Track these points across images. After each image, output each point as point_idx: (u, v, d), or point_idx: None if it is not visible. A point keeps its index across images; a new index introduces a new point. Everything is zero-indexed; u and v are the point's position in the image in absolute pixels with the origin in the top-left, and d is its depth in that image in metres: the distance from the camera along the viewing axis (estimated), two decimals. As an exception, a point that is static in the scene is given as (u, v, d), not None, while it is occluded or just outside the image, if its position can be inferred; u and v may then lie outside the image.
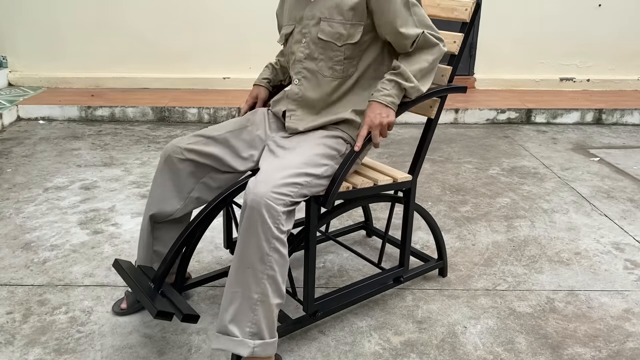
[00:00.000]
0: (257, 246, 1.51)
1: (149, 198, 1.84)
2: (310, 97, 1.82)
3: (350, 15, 1.73)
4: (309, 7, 1.80)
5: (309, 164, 1.64)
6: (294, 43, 1.85)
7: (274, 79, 2.09)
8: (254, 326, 1.54)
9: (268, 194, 1.50)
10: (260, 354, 1.55)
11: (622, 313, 2.05)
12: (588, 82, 5.42)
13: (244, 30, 5.06)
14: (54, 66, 5.11)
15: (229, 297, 1.55)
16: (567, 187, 3.24)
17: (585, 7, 5.23)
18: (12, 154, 3.61)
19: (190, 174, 1.81)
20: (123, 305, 1.95)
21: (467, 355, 1.81)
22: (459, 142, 4.08)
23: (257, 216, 1.50)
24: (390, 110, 1.68)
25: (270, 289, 1.55)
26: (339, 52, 1.77)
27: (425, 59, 1.72)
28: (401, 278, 2.08)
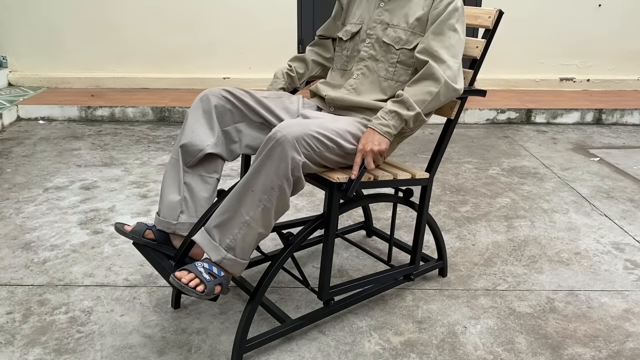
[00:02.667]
0: (267, 176, 1.57)
1: (179, 134, 1.82)
2: (362, 90, 1.94)
3: (414, 25, 1.88)
4: (378, 11, 1.95)
5: (341, 135, 1.71)
6: (360, 41, 1.97)
7: (287, 87, 2.11)
8: (233, 241, 1.62)
9: (299, 137, 1.58)
10: (227, 266, 1.63)
11: (622, 313, 2.05)
12: (588, 82, 5.42)
13: (244, 30, 5.07)
14: (54, 66, 5.11)
15: (225, 206, 1.63)
16: (567, 187, 3.24)
17: (585, 7, 5.23)
18: (12, 154, 3.61)
19: (223, 113, 1.82)
20: (127, 227, 1.85)
21: (467, 355, 1.81)
22: (459, 142, 4.08)
23: (280, 152, 1.56)
24: (384, 139, 1.73)
25: (262, 218, 1.61)
26: (394, 55, 1.90)
27: (429, 91, 1.76)
28: (412, 275, 2.10)
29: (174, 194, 1.80)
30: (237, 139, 1.86)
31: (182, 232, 1.80)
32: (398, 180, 1.90)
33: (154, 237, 1.82)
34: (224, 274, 1.63)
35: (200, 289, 1.55)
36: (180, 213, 1.80)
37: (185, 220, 1.80)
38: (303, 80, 2.16)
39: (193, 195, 1.81)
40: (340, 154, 1.73)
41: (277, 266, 1.71)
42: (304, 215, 2.79)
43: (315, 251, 2.44)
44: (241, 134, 1.86)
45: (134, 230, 1.81)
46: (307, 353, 1.80)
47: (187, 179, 1.81)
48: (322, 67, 2.17)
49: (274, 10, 5.06)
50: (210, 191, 1.84)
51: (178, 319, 1.96)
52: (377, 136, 1.72)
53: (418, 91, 1.76)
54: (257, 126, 1.87)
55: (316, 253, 2.43)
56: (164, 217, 1.81)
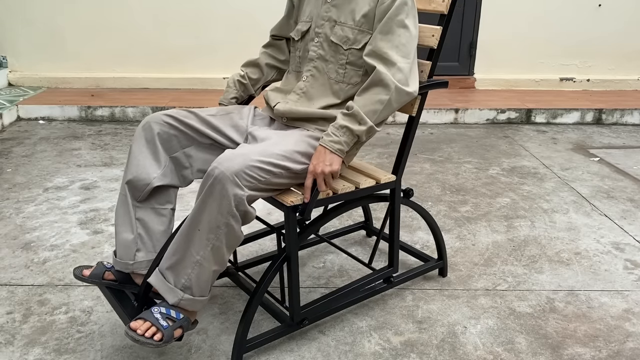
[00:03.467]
0: (210, 215, 1.51)
1: (125, 169, 1.73)
2: (312, 94, 1.84)
3: (361, 22, 1.76)
4: (325, 7, 1.83)
5: (288, 158, 1.63)
6: (309, 40, 1.87)
7: (241, 96, 2.03)
8: (188, 281, 1.57)
9: (238, 171, 1.49)
10: (186, 306, 1.60)
11: (622, 313, 2.05)
12: (588, 82, 5.42)
13: (244, 30, 5.07)
14: (54, 66, 5.11)
15: (174, 246, 1.58)
16: (567, 187, 3.24)
17: (585, 7, 5.23)
18: (12, 154, 3.61)
19: (168, 140, 1.74)
20: (86, 272, 1.79)
21: (467, 355, 1.81)
22: (459, 142, 4.08)
23: (219, 189, 1.48)
24: (336, 157, 1.64)
25: (212, 257, 1.56)
26: (343, 55, 1.80)
27: (380, 99, 1.66)
28: (391, 278, 2.06)
29: (127, 232, 1.73)
30: (188, 164, 1.77)
31: (141, 270, 1.75)
32: (361, 190, 1.81)
33: (114, 277, 1.78)
34: (183, 316, 1.59)
35: (157, 338, 1.50)
36: (136, 251, 1.74)
37: (143, 258, 1.75)
38: (258, 86, 2.06)
39: (148, 230, 1.75)
40: (290, 175, 1.65)
41: (279, 265, 1.71)
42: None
43: (315, 251, 2.44)
44: (191, 158, 1.77)
45: (92, 275, 1.77)
46: (307, 353, 1.80)
47: (139, 215, 1.74)
48: (277, 70, 2.07)
49: (274, 11, 5.04)
50: (165, 223, 1.77)
51: (178, 319, 1.96)
52: (327, 155, 1.63)
53: (368, 101, 1.66)
54: (206, 148, 1.79)
55: (316, 253, 2.43)
56: (121, 257, 1.76)
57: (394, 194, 1.95)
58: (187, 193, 3.00)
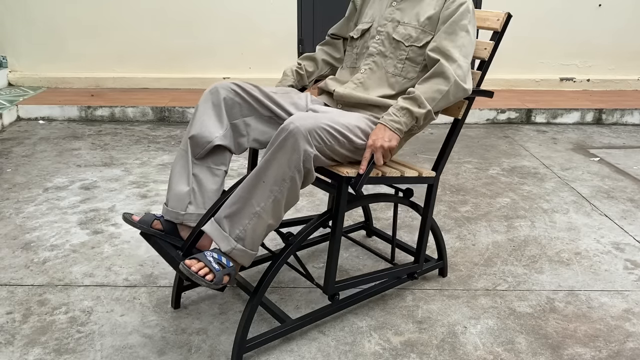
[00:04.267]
0: (279, 168, 1.58)
1: (189, 126, 1.82)
2: (369, 84, 1.95)
3: (425, 24, 1.91)
4: (390, 9, 1.98)
5: (351, 130, 1.73)
6: (370, 38, 2.00)
7: (297, 85, 2.13)
8: (243, 232, 1.63)
9: (311, 129, 1.59)
10: (236, 256, 1.64)
11: (622, 313, 2.05)
12: (588, 82, 5.42)
13: (244, 31, 5.07)
14: (54, 66, 5.11)
15: (236, 196, 1.64)
16: (567, 187, 3.24)
17: (585, 7, 5.23)
18: (12, 154, 3.61)
19: (232, 106, 1.82)
20: (135, 217, 1.83)
21: (467, 355, 1.81)
22: (459, 142, 4.08)
23: (292, 143, 1.57)
24: (395, 135, 1.74)
25: (272, 209, 1.62)
26: (404, 51, 1.93)
27: (439, 89, 1.78)
28: (415, 274, 2.12)
29: (183, 184, 1.80)
30: (245, 132, 1.86)
31: (190, 222, 1.80)
32: (405, 178, 1.90)
33: (161, 227, 1.82)
34: (232, 264, 1.64)
35: (209, 278, 1.56)
36: (188, 204, 1.80)
37: (194, 211, 1.80)
38: (312, 79, 2.18)
39: (201, 187, 1.81)
40: (350, 148, 1.74)
41: (278, 265, 1.71)
42: (303, 215, 2.79)
43: (315, 251, 2.44)
44: (249, 127, 1.86)
45: (142, 220, 1.81)
46: (307, 353, 1.80)
47: (195, 171, 1.81)
48: (331, 67, 2.19)
49: (274, 11, 5.06)
50: (218, 183, 1.84)
51: (178, 319, 1.96)
52: (387, 132, 1.73)
53: (428, 89, 1.78)
54: (265, 120, 1.88)
55: (316, 253, 2.43)
56: (172, 207, 1.81)
57: (431, 190, 2.05)
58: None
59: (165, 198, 1.85)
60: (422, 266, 2.13)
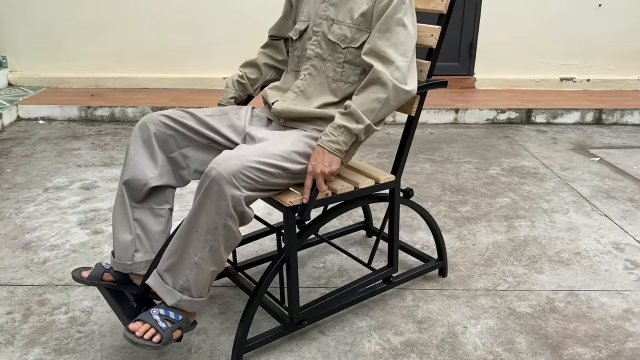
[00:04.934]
0: (208, 216, 1.50)
1: (122, 169, 1.74)
2: (310, 92, 1.84)
3: (359, 21, 1.76)
4: (323, 6, 1.84)
5: (286, 158, 1.62)
6: (307, 39, 1.87)
7: (240, 96, 2.03)
8: (187, 282, 1.57)
9: (236, 172, 1.49)
10: (185, 307, 1.59)
11: (622, 313, 2.05)
12: (588, 82, 5.42)
13: (244, 30, 5.06)
14: (54, 66, 5.11)
15: (172, 248, 1.57)
16: (567, 187, 3.24)
17: (585, 7, 5.23)
18: (12, 154, 3.61)
19: (164, 140, 1.73)
20: (84, 274, 1.77)
21: (467, 355, 1.81)
22: (459, 142, 4.08)
23: (217, 190, 1.48)
24: (335, 157, 1.64)
25: (211, 258, 1.55)
26: (341, 54, 1.80)
27: (377, 98, 1.65)
28: (391, 278, 2.06)
29: (126, 233, 1.73)
30: (185, 164, 1.77)
31: (140, 271, 1.75)
32: (361, 190, 1.81)
33: (112, 278, 1.77)
34: (182, 317, 1.59)
35: (156, 340, 1.50)
36: (134, 252, 1.74)
37: (142, 259, 1.74)
38: (257, 86, 2.06)
39: (146, 231, 1.74)
40: (289, 176, 1.65)
41: (279, 264, 1.71)
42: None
43: (315, 251, 2.44)
44: (188, 159, 1.77)
45: (91, 276, 1.75)
46: (307, 353, 1.80)
47: (137, 215, 1.73)
48: (275, 70, 2.07)
49: (273, 11, 5.05)
50: (163, 224, 1.77)
51: (178, 319, 1.96)
52: (327, 156, 1.63)
53: (365, 99, 1.65)
54: (204, 148, 1.79)
55: (316, 253, 2.43)
56: (119, 258, 1.75)
57: (394, 194, 1.95)
58: (187, 193, 3.00)
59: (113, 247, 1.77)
60: (396, 269, 2.05)
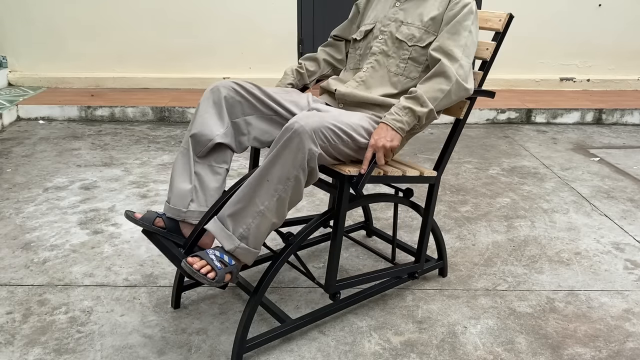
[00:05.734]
0: (283, 166, 1.59)
1: (190, 124, 1.84)
2: (371, 83, 1.97)
3: (428, 24, 1.92)
4: (394, 10, 2.00)
5: (355, 129, 1.73)
6: (373, 38, 2.01)
7: (297, 84, 2.13)
8: (247, 230, 1.63)
9: (316, 128, 1.59)
10: (240, 255, 1.65)
11: (622, 313, 2.05)
12: (588, 82, 5.42)
13: (244, 31, 5.06)
14: (54, 66, 5.11)
15: (240, 194, 1.64)
16: (567, 187, 3.24)
17: (585, 7, 5.23)
18: (12, 154, 3.61)
19: (233, 105, 1.83)
20: (137, 215, 1.82)
21: (467, 355, 1.81)
22: (459, 142, 4.08)
23: (297, 142, 1.57)
24: (397, 134, 1.74)
25: (276, 208, 1.63)
26: (406, 51, 1.94)
27: (441, 88, 1.79)
28: (416, 274, 2.12)
29: (185, 182, 1.81)
30: (246, 131, 1.86)
31: (192, 220, 1.81)
32: (406, 177, 1.90)
33: (163, 225, 1.82)
34: (234, 263, 1.64)
35: (211, 276, 1.56)
36: (190, 201, 1.80)
37: (195, 209, 1.80)
38: (313, 79, 2.18)
39: (203, 184, 1.81)
40: (354, 147, 1.75)
41: (279, 264, 1.71)
42: (303, 215, 2.79)
43: (315, 251, 2.44)
44: (250, 126, 1.86)
45: (144, 218, 1.81)
46: (307, 353, 1.80)
47: (197, 169, 1.81)
48: (332, 67, 2.20)
49: (274, 11, 5.06)
50: (219, 181, 1.84)
51: (178, 319, 1.96)
52: (390, 132, 1.73)
53: (430, 88, 1.78)
54: (266, 119, 1.88)
55: (316, 253, 2.43)
56: (174, 204, 1.81)
57: (433, 189, 2.05)
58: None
59: (167, 196, 1.85)
60: (422, 266, 2.13)
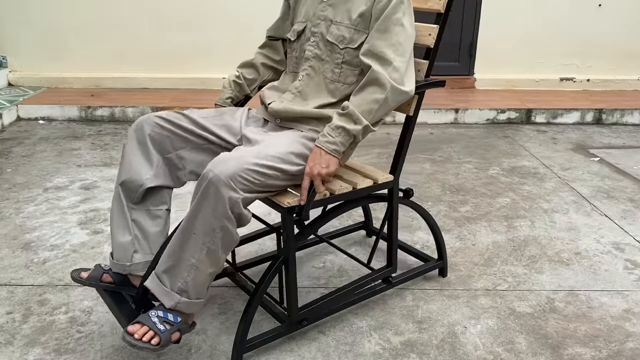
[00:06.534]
0: (205, 219, 1.51)
1: (118, 172, 1.75)
2: (308, 93, 1.84)
3: (357, 22, 1.77)
4: (322, 6, 1.84)
5: (283, 160, 1.62)
6: (305, 40, 1.87)
7: (237, 96, 2.04)
8: (185, 284, 1.57)
9: (233, 174, 1.49)
10: (183, 309, 1.60)
11: (622, 313, 2.05)
12: (588, 82, 5.42)
13: (244, 30, 5.06)
14: (54, 66, 5.11)
15: (170, 250, 1.58)
16: (567, 187, 3.24)
17: (585, 7, 5.23)
18: (12, 154, 3.61)
19: (160, 141, 1.73)
20: (83, 275, 1.78)
21: (467, 355, 1.81)
22: (459, 142, 4.08)
23: (214, 192, 1.48)
24: (332, 158, 1.64)
25: (208, 260, 1.56)
26: (339, 54, 1.79)
27: (375, 99, 1.66)
28: (390, 278, 2.06)
29: (124, 234, 1.74)
30: (181, 166, 1.77)
31: (138, 272, 1.75)
32: (359, 190, 1.80)
33: (111, 280, 1.77)
34: (180, 319, 1.59)
35: (155, 342, 1.51)
36: (133, 252, 1.74)
37: (140, 260, 1.74)
38: (254, 86, 2.06)
39: (144, 232, 1.74)
40: (286, 177, 1.65)
41: (279, 264, 1.71)
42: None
43: (315, 251, 2.44)
44: (184, 160, 1.76)
45: (90, 277, 1.76)
46: (307, 353, 1.80)
47: (134, 216, 1.74)
48: (273, 70, 2.07)
49: (274, 11, 5.05)
50: (161, 224, 1.77)
51: (178, 319, 1.95)
52: (324, 157, 1.63)
53: (363, 100, 1.66)
54: (200, 150, 1.78)
55: (316, 253, 2.43)
56: (118, 259, 1.75)
57: (392, 194, 1.95)
58: (185, 193, 2.99)
59: (111, 248, 1.78)
60: (395, 270, 2.05)
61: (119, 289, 1.77)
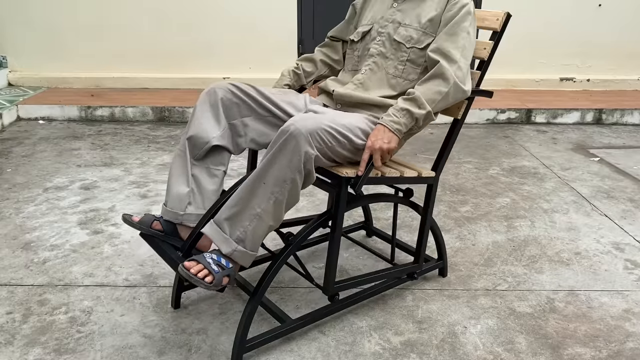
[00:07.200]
0: (279, 169, 1.59)
1: (187, 126, 1.84)
2: (369, 85, 1.96)
3: (426, 25, 1.92)
4: (391, 11, 1.99)
5: (351, 130, 1.73)
6: (370, 40, 2.01)
7: (294, 85, 2.13)
8: (244, 233, 1.63)
9: (312, 130, 1.59)
10: (237, 258, 1.65)
11: (622, 313, 2.05)
12: (588, 82, 5.42)
13: (244, 31, 5.06)
14: (54, 66, 5.11)
15: (236, 197, 1.64)
16: (567, 187, 3.24)
17: (585, 7, 5.23)
18: (12, 154, 3.61)
19: (229, 107, 1.83)
20: (135, 218, 1.83)
21: (467, 355, 1.81)
22: (459, 142, 4.08)
23: (293, 145, 1.57)
24: (394, 136, 1.74)
25: (273, 211, 1.63)
26: (405, 53, 1.94)
27: (439, 90, 1.79)
28: (415, 274, 2.11)
29: (182, 185, 1.81)
30: (243, 133, 1.87)
31: (190, 223, 1.81)
32: (404, 178, 1.90)
33: (161, 228, 1.82)
34: (231, 266, 1.64)
35: (208, 280, 1.56)
36: (187, 204, 1.81)
37: (193, 212, 1.81)
38: (311, 79, 2.18)
39: (200, 187, 1.82)
40: (350, 149, 1.74)
41: (278, 265, 1.72)
42: (303, 215, 2.79)
43: (315, 251, 2.44)
44: (247, 128, 1.87)
45: (141, 221, 1.81)
46: (307, 353, 1.80)
47: (194, 172, 1.82)
48: (330, 68, 2.19)
49: (274, 11, 5.06)
50: (217, 184, 1.85)
51: (178, 319, 1.96)
52: (387, 133, 1.73)
53: (428, 90, 1.78)
54: (263, 121, 1.88)
55: (316, 253, 2.43)
56: (172, 207, 1.82)
57: (431, 190, 2.05)
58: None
59: (165, 199, 1.85)
60: (421, 266, 2.13)
61: (166, 238, 1.81)
